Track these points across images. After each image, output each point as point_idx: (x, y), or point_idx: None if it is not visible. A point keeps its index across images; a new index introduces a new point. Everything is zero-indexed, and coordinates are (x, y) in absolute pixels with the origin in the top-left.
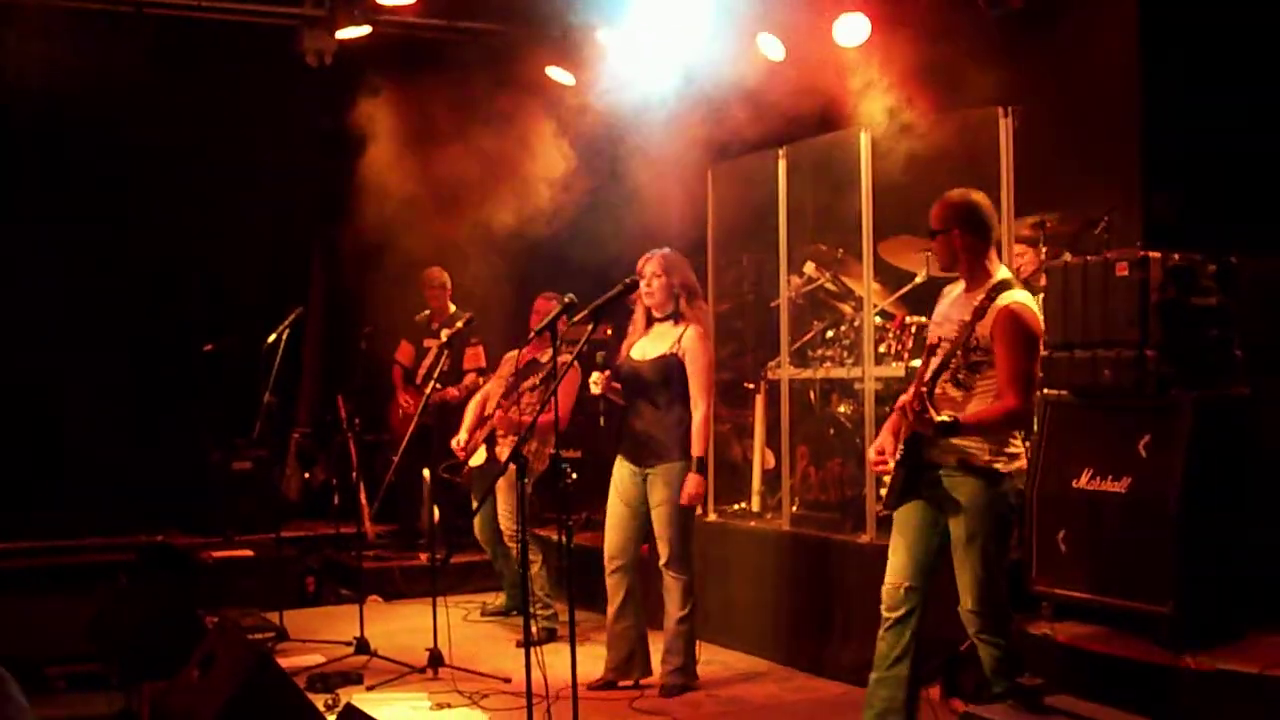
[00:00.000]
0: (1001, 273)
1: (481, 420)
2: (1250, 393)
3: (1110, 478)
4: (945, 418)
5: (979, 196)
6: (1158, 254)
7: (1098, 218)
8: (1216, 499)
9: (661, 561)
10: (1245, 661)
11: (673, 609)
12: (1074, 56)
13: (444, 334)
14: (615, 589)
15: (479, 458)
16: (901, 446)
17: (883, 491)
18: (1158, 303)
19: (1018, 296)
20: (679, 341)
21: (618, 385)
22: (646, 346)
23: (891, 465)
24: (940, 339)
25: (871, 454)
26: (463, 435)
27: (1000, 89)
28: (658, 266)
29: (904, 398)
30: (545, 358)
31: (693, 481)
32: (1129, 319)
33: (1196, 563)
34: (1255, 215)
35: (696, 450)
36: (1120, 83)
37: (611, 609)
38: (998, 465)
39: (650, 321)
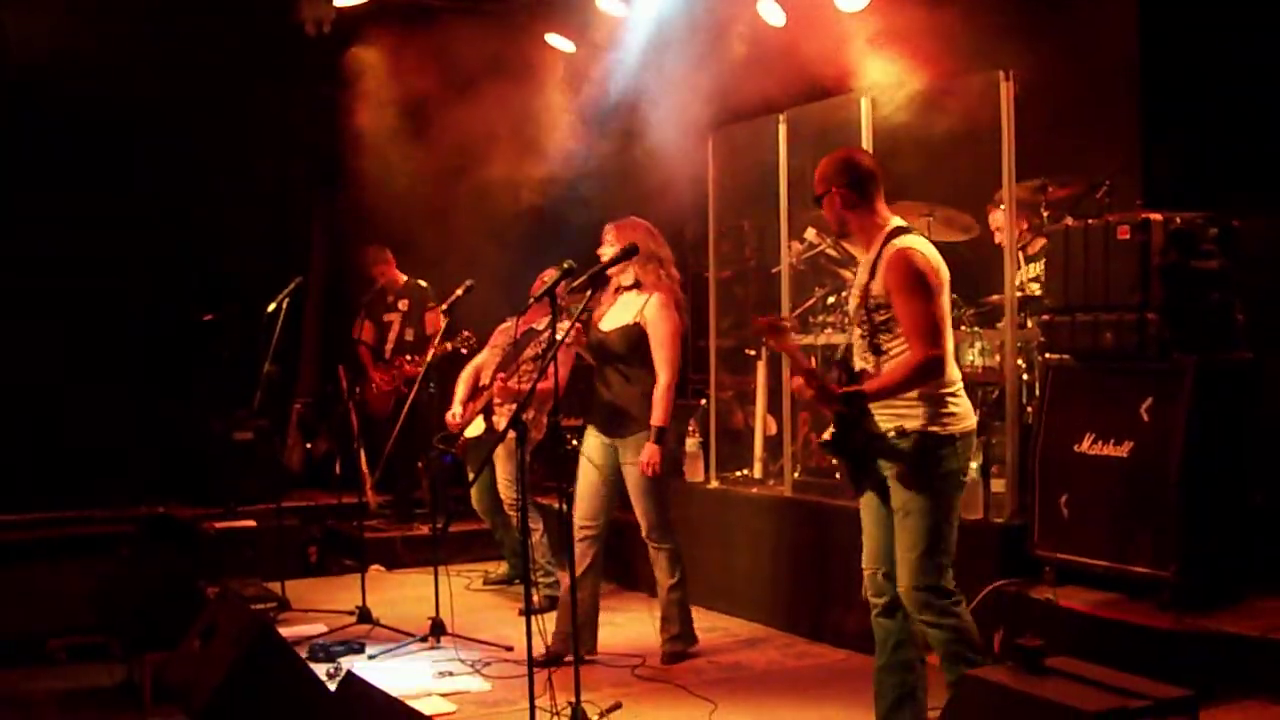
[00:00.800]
0: (894, 222)
1: (476, 391)
2: (1252, 357)
3: (1112, 442)
4: (848, 389)
5: (854, 151)
6: (1159, 217)
7: (1099, 181)
8: (1218, 463)
9: (642, 533)
10: (1247, 625)
11: (662, 578)
12: (1074, 19)
13: (402, 304)
14: (581, 556)
15: (475, 429)
16: (831, 430)
17: None
18: (1159, 266)
19: (905, 240)
20: (641, 311)
21: (585, 340)
22: (613, 316)
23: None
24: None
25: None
26: (456, 408)
27: (1001, 53)
28: (612, 236)
29: (796, 381)
30: (542, 325)
31: (649, 451)
32: (1130, 282)
33: (1198, 527)
34: (1256, 175)
35: (656, 419)
36: (1120, 45)
37: (573, 576)
38: (934, 429)
39: (618, 291)
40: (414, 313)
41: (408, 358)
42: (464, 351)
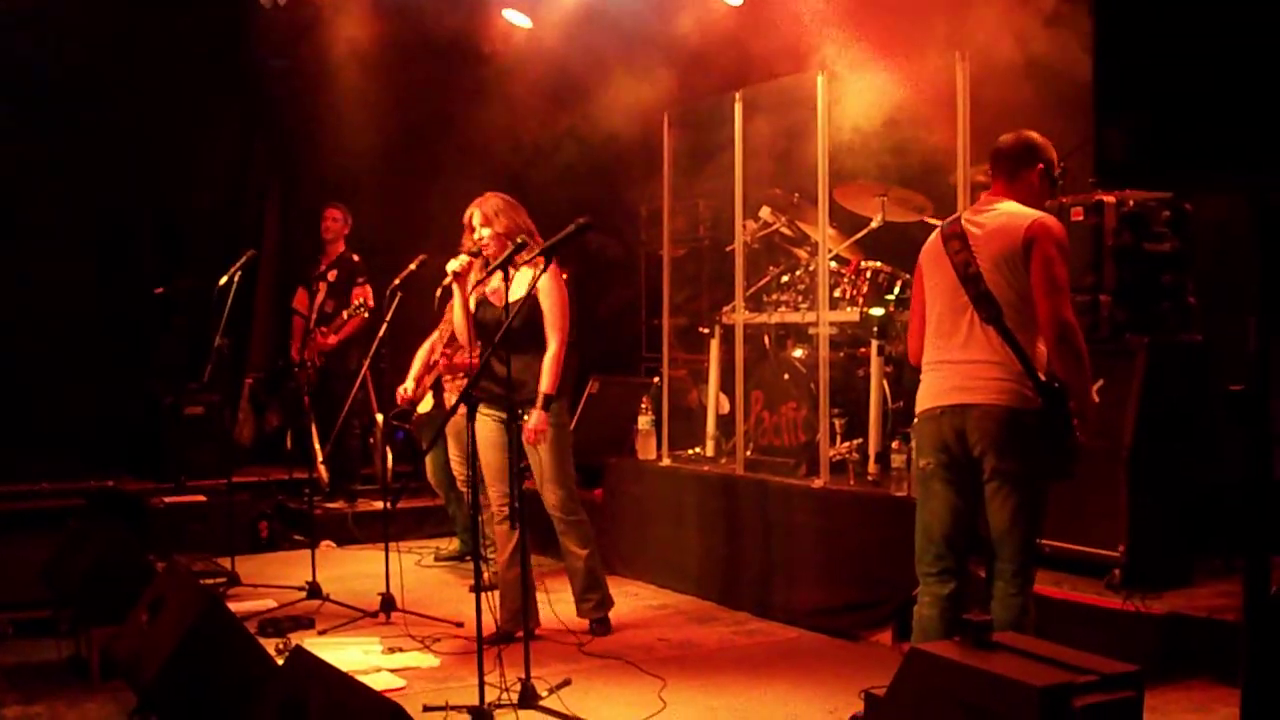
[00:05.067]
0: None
1: (429, 367)
2: (1202, 339)
3: None
4: None
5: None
6: (1112, 199)
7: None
8: (1168, 444)
9: (550, 508)
10: (1194, 605)
11: (574, 548)
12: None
13: (331, 274)
14: (505, 539)
15: (426, 404)
16: None
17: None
18: (1112, 248)
19: None
20: (534, 282)
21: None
22: (507, 291)
23: None
24: None
25: None
26: (409, 383)
27: (957, 34)
28: (478, 220)
29: None
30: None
31: (535, 416)
32: (1084, 264)
33: (1147, 508)
34: (1209, 155)
35: (544, 386)
36: (1075, 24)
37: (502, 558)
38: None
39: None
40: (340, 285)
41: (320, 330)
42: (364, 315)
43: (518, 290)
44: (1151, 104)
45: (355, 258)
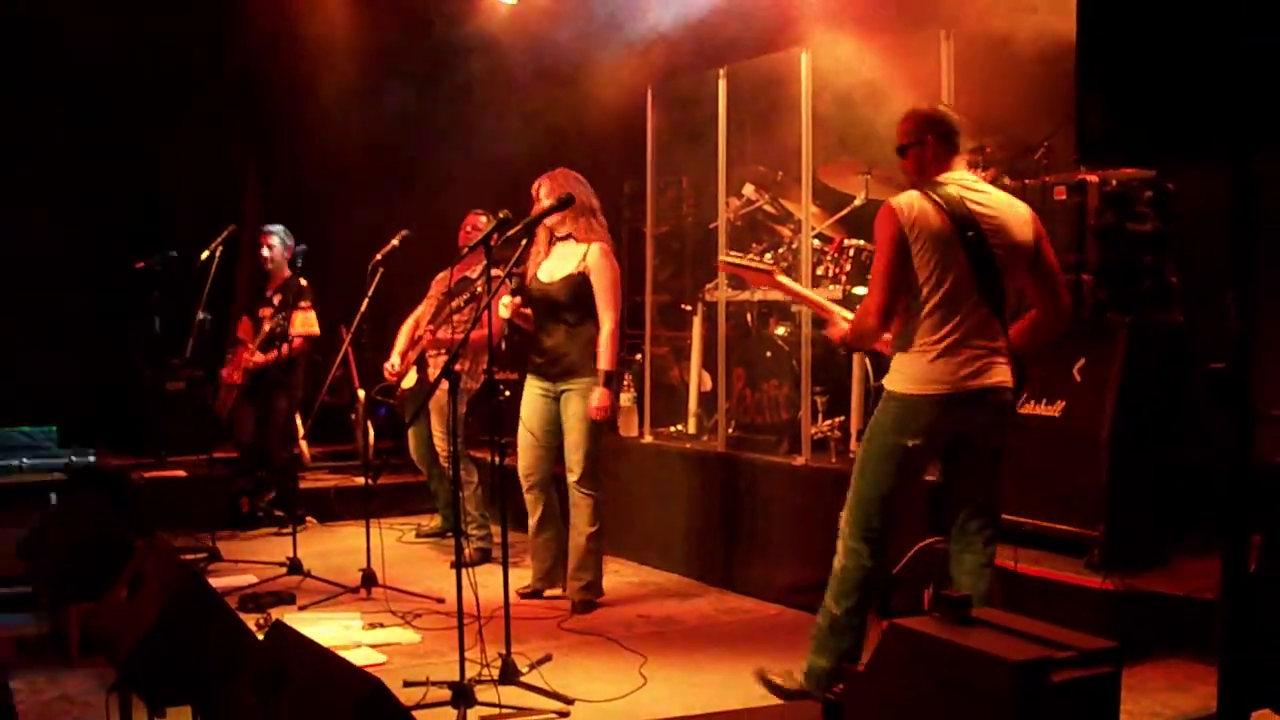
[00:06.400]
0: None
1: (413, 342)
2: (1183, 318)
3: (1044, 401)
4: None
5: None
6: (1095, 178)
7: (1036, 144)
8: (1148, 424)
9: (573, 478)
10: (1173, 584)
11: (582, 525)
12: None
13: (276, 299)
14: (534, 505)
15: (410, 380)
16: None
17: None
18: (1095, 227)
19: (893, 197)
20: (584, 259)
21: (527, 311)
22: (552, 267)
23: None
24: None
25: None
26: (395, 359)
27: (941, 12)
28: (549, 188)
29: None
30: (475, 273)
31: (599, 394)
32: (1066, 243)
33: (1127, 487)
34: (1190, 126)
35: (604, 364)
36: (1056, 4)
37: (532, 523)
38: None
39: (552, 242)
40: (284, 308)
41: (248, 347)
42: (299, 343)
43: (566, 266)
44: (1133, 79)
45: (302, 282)
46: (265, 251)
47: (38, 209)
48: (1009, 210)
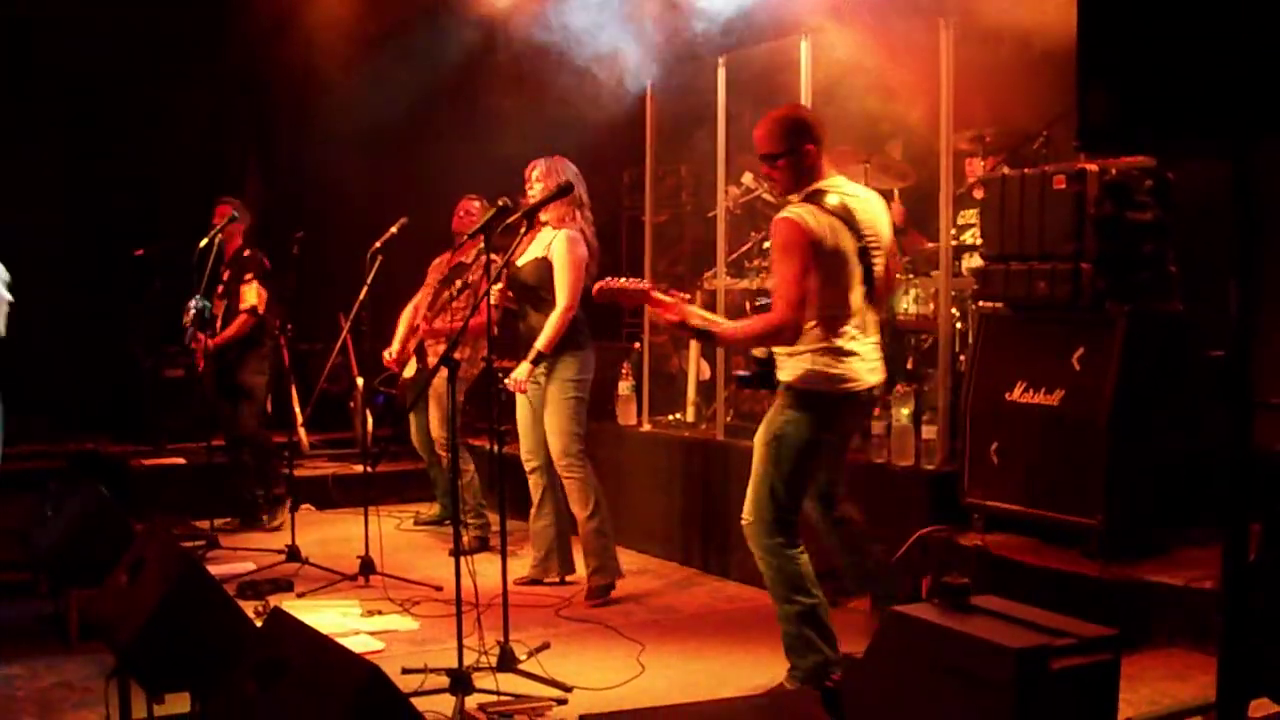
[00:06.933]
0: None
1: (413, 330)
2: (1183, 308)
3: (1043, 390)
4: (700, 324)
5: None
6: (1094, 167)
7: (1035, 133)
8: (1147, 413)
9: (555, 460)
10: (1171, 574)
11: (577, 509)
12: None
13: (224, 274)
14: (534, 488)
15: (410, 369)
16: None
17: None
18: (1094, 217)
19: (791, 210)
20: (550, 245)
21: (510, 293)
22: (529, 251)
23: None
24: None
25: None
26: (395, 346)
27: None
28: (540, 172)
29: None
30: (470, 259)
31: (521, 368)
32: (1065, 232)
33: (1125, 476)
34: (1191, 113)
35: (539, 343)
36: None
37: (532, 508)
38: (794, 383)
39: (536, 227)
40: (231, 285)
41: (204, 334)
42: (246, 317)
43: (535, 250)
44: (1135, 66)
45: (247, 252)
46: (217, 220)
47: (37, 197)
48: (879, 208)
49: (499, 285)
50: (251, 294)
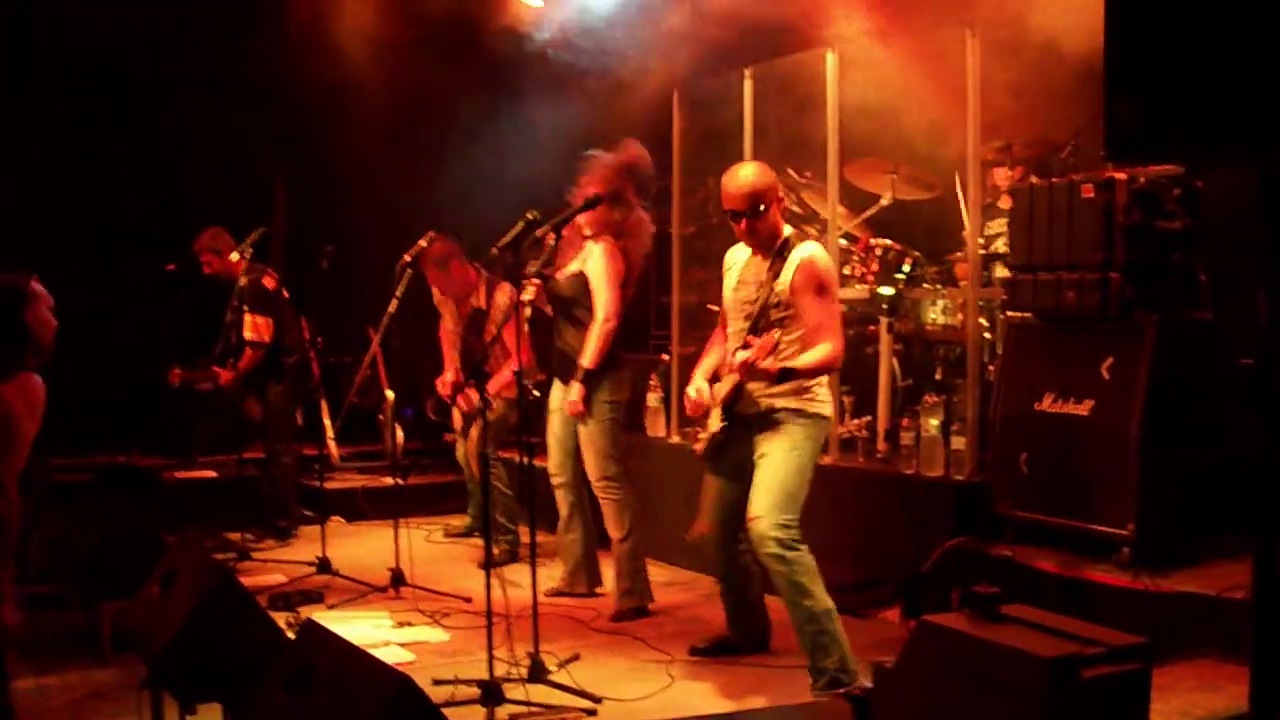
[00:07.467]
0: (787, 230)
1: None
2: (1212, 317)
3: (1072, 400)
4: (781, 365)
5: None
6: (1123, 176)
7: (1063, 142)
8: (1177, 422)
9: (592, 480)
10: (1203, 584)
11: (610, 530)
12: None
13: (234, 302)
14: (561, 503)
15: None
16: (723, 407)
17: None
18: (1123, 226)
19: (818, 250)
20: (585, 258)
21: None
22: (570, 265)
23: (715, 415)
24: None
25: (691, 392)
26: (449, 374)
27: (967, 10)
28: (588, 175)
29: (746, 355)
30: (480, 301)
31: (572, 389)
32: (1094, 242)
33: (1157, 486)
34: (1220, 122)
35: (584, 360)
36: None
37: (560, 523)
38: (797, 407)
39: (585, 238)
40: (236, 316)
41: (214, 368)
42: (252, 351)
43: (576, 263)
44: (1163, 74)
45: (243, 282)
46: (208, 256)
47: (67, 210)
48: None
49: (537, 282)
50: (248, 327)
